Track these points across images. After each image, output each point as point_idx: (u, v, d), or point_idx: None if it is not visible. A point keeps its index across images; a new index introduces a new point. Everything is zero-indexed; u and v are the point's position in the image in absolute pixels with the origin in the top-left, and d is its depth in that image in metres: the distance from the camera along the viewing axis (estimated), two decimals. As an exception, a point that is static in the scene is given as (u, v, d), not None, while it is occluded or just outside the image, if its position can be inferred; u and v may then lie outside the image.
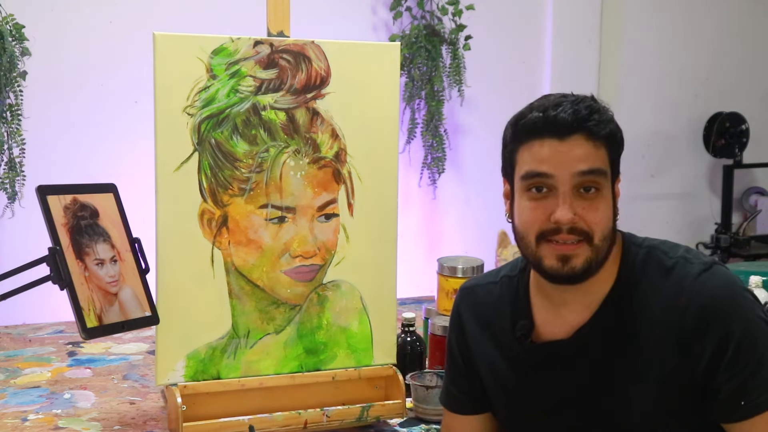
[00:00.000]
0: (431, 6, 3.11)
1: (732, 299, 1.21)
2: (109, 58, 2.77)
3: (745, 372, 1.19)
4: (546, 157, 1.22)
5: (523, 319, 1.33)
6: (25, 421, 1.88)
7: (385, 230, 1.89)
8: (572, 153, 1.21)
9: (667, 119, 3.79)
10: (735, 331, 1.19)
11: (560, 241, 1.22)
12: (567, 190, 1.21)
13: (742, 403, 1.19)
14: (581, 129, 1.21)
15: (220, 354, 1.78)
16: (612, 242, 1.25)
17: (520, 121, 1.27)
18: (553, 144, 1.22)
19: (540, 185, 1.23)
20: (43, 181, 1.55)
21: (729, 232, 3.71)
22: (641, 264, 1.28)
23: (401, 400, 1.85)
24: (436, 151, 3.12)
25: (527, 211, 1.25)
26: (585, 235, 1.21)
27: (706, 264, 1.25)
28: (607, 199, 1.24)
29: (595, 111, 1.23)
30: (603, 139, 1.22)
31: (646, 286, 1.26)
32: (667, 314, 1.23)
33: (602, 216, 1.22)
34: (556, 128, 1.21)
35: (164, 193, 1.73)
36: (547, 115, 1.22)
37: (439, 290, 2.21)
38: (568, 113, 1.21)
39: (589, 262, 1.22)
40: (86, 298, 1.51)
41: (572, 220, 1.20)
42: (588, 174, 1.21)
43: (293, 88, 1.80)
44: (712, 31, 3.82)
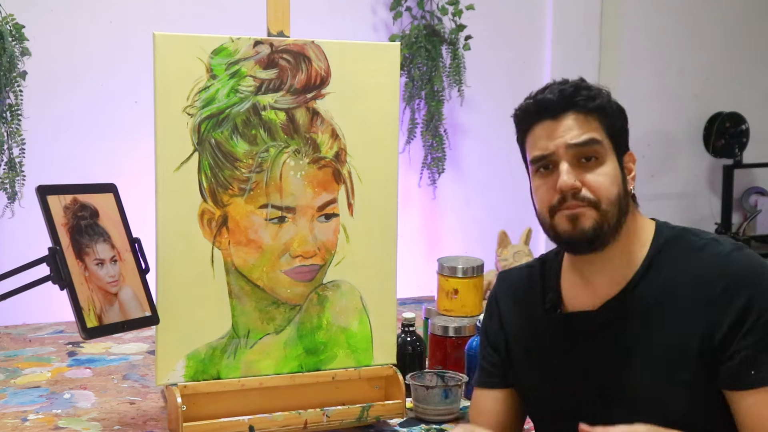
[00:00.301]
0: (431, 6, 3.11)
1: (760, 275, 1.26)
2: (109, 58, 2.77)
3: (761, 343, 1.22)
4: (543, 137, 1.31)
5: (552, 293, 1.41)
6: (25, 421, 1.88)
7: (385, 230, 1.89)
8: (564, 128, 1.30)
9: (667, 119, 3.79)
10: (758, 302, 1.23)
11: (569, 207, 1.29)
12: (566, 161, 1.29)
13: (752, 372, 1.22)
14: (570, 106, 1.30)
15: (220, 354, 1.78)
16: (621, 210, 1.31)
17: (517, 111, 1.38)
18: (548, 124, 1.31)
19: (545, 164, 1.32)
20: (43, 181, 1.55)
21: (729, 232, 3.71)
22: (672, 243, 1.33)
23: (401, 400, 1.85)
24: (436, 151, 3.12)
25: (538, 190, 1.34)
26: (590, 201, 1.29)
27: (737, 245, 1.31)
28: (609, 167, 1.31)
29: (581, 88, 1.32)
30: (593, 111, 1.31)
31: (676, 263, 1.31)
32: (695, 288, 1.27)
33: (605, 181, 1.29)
34: (546, 109, 1.31)
35: (164, 193, 1.73)
36: (536, 98, 1.34)
37: (439, 290, 2.21)
38: (554, 93, 1.31)
39: (599, 224, 1.28)
40: (86, 298, 1.51)
41: (574, 185, 1.28)
42: (583, 145, 1.29)
43: (293, 88, 1.80)
44: (712, 31, 3.82)
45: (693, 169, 3.88)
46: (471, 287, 2.16)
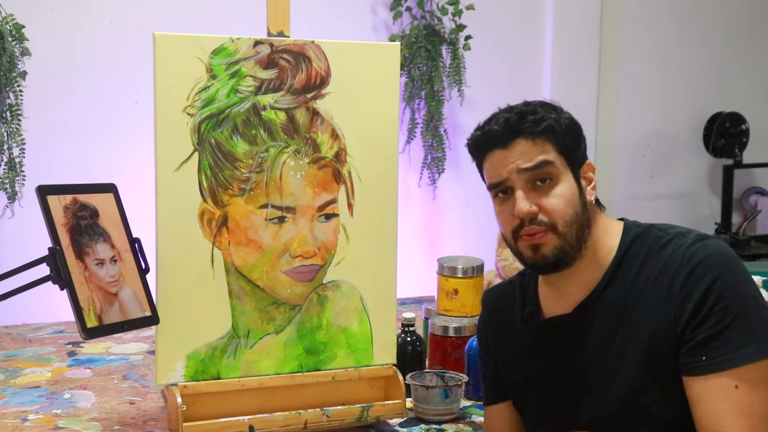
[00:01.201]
0: (431, 6, 3.11)
1: (721, 264, 1.27)
2: (109, 58, 2.77)
3: (714, 330, 1.23)
4: (496, 166, 1.35)
5: (530, 304, 1.45)
6: (25, 421, 1.88)
7: (385, 230, 1.89)
8: (515, 155, 1.33)
9: (667, 119, 3.79)
10: (716, 290, 1.24)
11: (529, 233, 1.32)
12: (520, 187, 1.32)
13: (704, 358, 1.23)
14: (518, 133, 1.33)
15: (220, 354, 1.78)
16: (582, 226, 1.33)
17: (469, 142, 1.41)
18: (499, 153, 1.35)
19: (502, 190, 1.36)
20: (43, 181, 1.55)
21: (729, 232, 3.71)
22: (639, 240, 1.35)
23: (401, 400, 1.85)
24: (436, 151, 3.12)
25: (499, 215, 1.39)
26: (547, 225, 1.31)
27: (700, 236, 1.32)
28: (564, 186, 1.32)
29: (527, 113, 1.34)
30: (542, 134, 1.32)
31: (642, 259, 1.33)
32: (659, 279, 1.29)
33: (560, 202, 1.31)
34: (496, 140, 1.34)
35: (164, 193, 1.73)
36: (484, 130, 1.37)
37: (439, 290, 2.21)
38: (500, 124, 1.34)
39: (559, 249, 1.32)
40: (86, 298, 1.51)
41: (530, 211, 1.31)
42: (534, 169, 1.32)
43: (293, 88, 1.80)
44: (712, 32, 3.82)
45: (693, 169, 3.88)
46: (471, 287, 2.16)
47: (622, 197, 3.67)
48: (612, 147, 3.62)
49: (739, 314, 1.23)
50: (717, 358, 1.22)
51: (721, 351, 1.22)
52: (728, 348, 1.22)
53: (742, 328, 1.22)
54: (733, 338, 1.22)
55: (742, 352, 1.21)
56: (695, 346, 1.24)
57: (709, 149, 3.78)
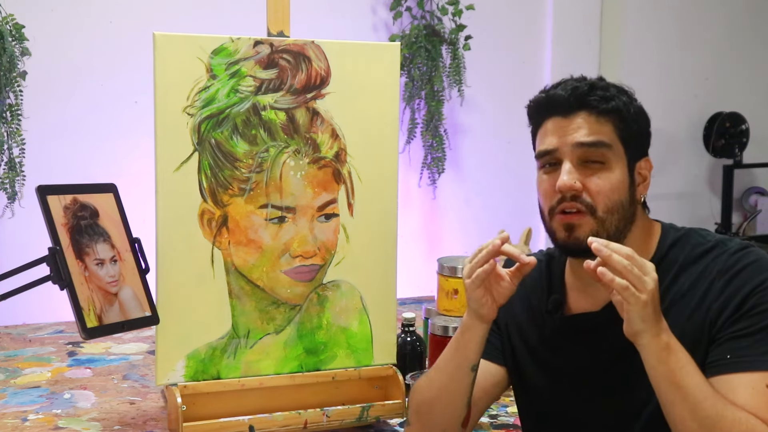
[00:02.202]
0: (431, 6, 3.11)
1: (762, 272, 1.24)
2: (109, 58, 2.77)
3: (745, 332, 1.20)
4: (551, 133, 1.28)
5: (555, 294, 1.39)
6: (25, 421, 1.88)
7: (385, 230, 1.89)
8: (574, 126, 1.26)
9: (667, 119, 3.79)
10: (755, 295, 1.21)
11: (566, 211, 1.26)
12: (570, 160, 1.25)
13: (728, 356, 1.20)
14: (583, 105, 1.26)
15: (220, 354, 1.78)
16: (624, 219, 1.28)
17: (530, 104, 1.35)
18: (558, 121, 1.28)
19: (550, 161, 1.29)
20: (43, 181, 1.55)
21: (729, 232, 3.71)
22: (678, 244, 1.31)
23: (401, 400, 1.85)
24: (436, 151, 3.12)
25: (541, 185, 1.31)
26: (587, 206, 1.25)
27: (743, 245, 1.29)
28: (616, 173, 1.26)
29: (597, 88, 1.27)
30: (606, 113, 1.26)
31: (680, 265, 1.29)
32: (697, 286, 1.26)
33: (605, 186, 1.25)
34: (559, 105, 1.27)
35: (164, 193, 1.73)
36: (548, 94, 1.30)
37: (439, 290, 2.21)
38: (567, 90, 1.27)
39: (594, 233, 1.24)
40: (86, 298, 1.51)
41: (573, 186, 1.24)
42: (589, 146, 1.25)
43: (293, 88, 1.80)
44: (712, 31, 3.82)
45: (693, 169, 3.88)
46: (471, 287, 2.16)
47: (622, 197, 3.67)
48: (612, 147, 3.62)
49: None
50: (743, 357, 1.18)
51: (748, 351, 1.18)
52: (756, 349, 1.18)
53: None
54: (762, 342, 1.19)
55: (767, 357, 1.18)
56: (722, 343, 1.21)
57: (709, 149, 3.78)
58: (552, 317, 1.39)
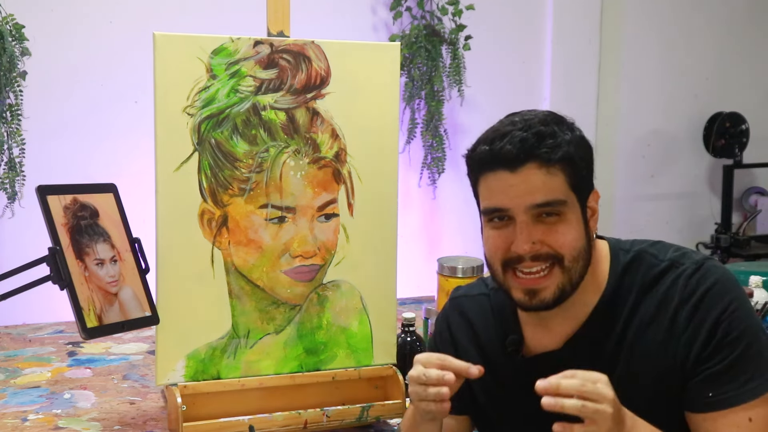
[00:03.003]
0: (431, 6, 3.11)
1: (723, 295, 1.20)
2: (109, 58, 2.77)
3: (722, 365, 1.17)
4: (500, 190, 1.19)
5: (513, 334, 1.31)
6: (25, 421, 1.88)
7: (385, 230, 1.89)
8: (525, 185, 1.17)
9: (667, 119, 3.79)
10: (722, 323, 1.18)
11: (525, 271, 1.19)
12: (524, 221, 1.18)
13: (710, 395, 1.17)
14: (531, 158, 1.17)
15: (220, 354, 1.78)
16: (587, 262, 1.22)
17: (471, 155, 1.24)
18: (505, 176, 1.18)
19: (500, 216, 1.21)
20: (43, 181, 1.55)
21: (729, 232, 3.71)
22: (631, 269, 1.26)
23: (401, 400, 1.85)
24: (436, 151, 3.12)
25: (490, 240, 1.23)
26: (553, 258, 1.19)
27: (698, 263, 1.24)
28: (571, 222, 1.20)
29: (545, 136, 1.18)
30: (557, 163, 1.18)
31: (637, 292, 1.24)
32: (659, 316, 1.22)
33: (567, 237, 1.19)
34: (505, 161, 1.18)
35: (164, 193, 1.73)
36: (493, 148, 1.19)
37: (439, 290, 2.21)
38: (514, 144, 1.17)
39: (560, 289, 1.20)
40: (86, 298, 1.51)
41: (531, 249, 1.18)
42: (543, 206, 1.18)
43: (293, 88, 1.80)
44: (712, 31, 3.82)
45: (693, 169, 3.88)
46: (471, 287, 2.16)
47: (622, 197, 3.67)
48: (612, 147, 3.62)
49: (747, 344, 1.18)
50: (725, 394, 1.16)
51: (729, 387, 1.17)
52: (737, 383, 1.17)
53: (749, 360, 1.17)
54: (741, 372, 1.17)
55: (751, 386, 1.17)
56: (702, 381, 1.18)
57: (709, 149, 3.78)
58: (512, 359, 1.30)
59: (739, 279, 1.29)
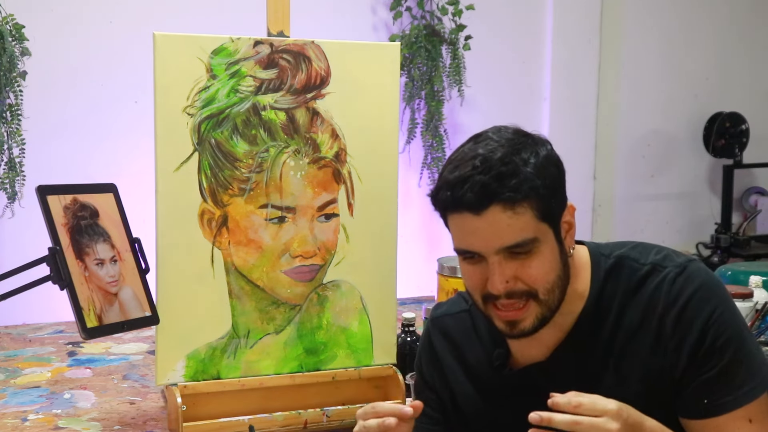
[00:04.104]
0: (431, 6, 3.11)
1: (709, 300, 1.20)
2: (109, 58, 2.78)
3: (714, 371, 1.18)
4: (468, 233, 1.18)
5: (498, 348, 1.30)
6: (25, 421, 1.88)
7: (385, 230, 1.89)
8: (492, 228, 1.15)
9: (667, 119, 3.79)
10: (711, 328, 1.18)
11: (503, 307, 1.19)
12: (495, 261, 1.17)
13: (705, 402, 1.18)
14: (495, 202, 1.14)
15: (220, 354, 1.78)
16: (564, 286, 1.22)
17: (434, 197, 1.23)
18: (471, 219, 1.16)
19: (471, 256, 1.20)
20: (43, 181, 1.55)
21: (729, 232, 3.71)
22: (612, 276, 1.25)
23: (401, 400, 1.85)
24: (436, 151, 3.12)
25: (467, 275, 1.22)
26: (527, 294, 1.18)
27: (680, 266, 1.23)
28: (544, 255, 1.18)
29: (506, 176, 1.14)
30: (523, 201, 1.15)
31: (620, 299, 1.24)
32: (645, 322, 1.22)
33: (539, 272, 1.18)
34: (468, 206, 1.15)
35: (164, 193, 1.73)
36: (454, 195, 1.16)
37: (439, 290, 2.21)
38: (475, 191, 1.14)
39: (539, 319, 1.20)
40: (86, 298, 1.51)
41: (506, 287, 1.17)
42: (513, 247, 1.16)
43: (293, 88, 1.80)
44: (712, 32, 3.82)
45: (693, 169, 3.88)
46: (471, 287, 2.16)
47: (622, 197, 3.67)
48: (612, 147, 3.62)
49: (736, 348, 1.18)
50: (720, 400, 1.17)
51: (724, 392, 1.17)
52: (731, 387, 1.17)
53: (740, 363, 1.18)
54: (734, 377, 1.17)
55: (745, 389, 1.17)
56: (696, 388, 1.18)
57: (709, 149, 3.78)
58: (499, 374, 1.29)
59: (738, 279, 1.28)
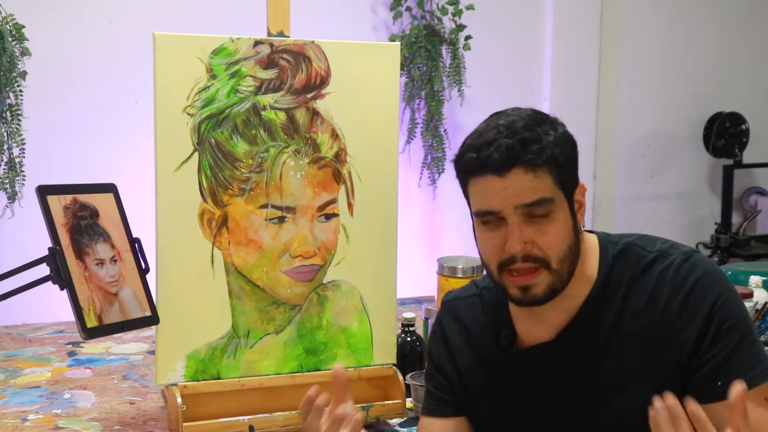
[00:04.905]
0: (431, 6, 3.11)
1: (713, 286, 1.24)
2: (109, 58, 2.77)
3: (724, 354, 1.20)
4: (489, 194, 1.24)
5: (505, 329, 1.34)
6: (25, 421, 1.88)
7: (385, 230, 1.89)
8: (513, 188, 1.21)
9: (667, 119, 3.79)
10: (717, 313, 1.21)
11: (517, 272, 1.23)
12: (515, 222, 1.22)
13: (719, 384, 1.20)
14: (518, 164, 1.21)
15: (220, 354, 1.78)
16: (574, 260, 1.26)
17: (459, 161, 1.31)
18: (494, 181, 1.23)
19: (491, 219, 1.25)
20: (43, 181, 1.55)
21: (729, 232, 3.71)
22: (619, 261, 1.29)
23: (401, 400, 1.85)
24: (436, 151, 3.12)
25: (484, 242, 1.27)
26: (540, 261, 1.22)
27: (686, 254, 1.27)
28: (559, 220, 1.23)
29: (530, 141, 1.22)
30: (543, 166, 1.22)
31: (627, 283, 1.27)
32: (651, 306, 1.25)
33: (555, 239, 1.23)
34: (492, 167, 1.23)
35: (164, 193, 1.73)
36: (480, 156, 1.25)
37: (439, 290, 2.21)
38: (501, 152, 1.22)
39: (551, 287, 1.23)
40: (86, 298, 1.51)
41: (524, 248, 1.22)
42: (532, 205, 1.21)
43: (293, 88, 1.80)
44: (712, 32, 3.82)
45: (693, 169, 3.88)
46: (471, 287, 2.16)
47: (622, 197, 3.67)
48: (612, 147, 3.63)
49: (744, 333, 1.21)
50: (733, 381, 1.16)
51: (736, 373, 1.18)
52: (743, 368, 1.19)
53: (749, 346, 1.21)
54: (744, 358, 1.20)
55: (758, 369, 1.20)
56: (708, 372, 1.21)
57: (709, 149, 3.78)
58: (506, 354, 1.33)
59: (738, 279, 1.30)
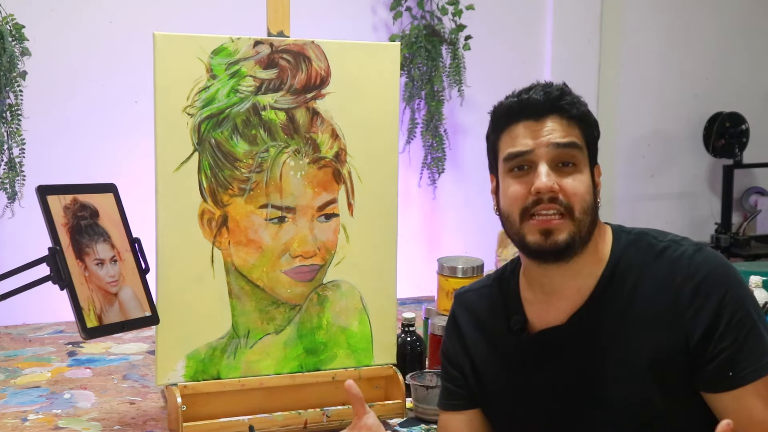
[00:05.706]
0: (431, 6, 3.11)
1: (726, 276, 1.26)
2: (109, 58, 2.77)
3: (735, 344, 1.22)
4: (523, 135, 1.30)
5: (517, 314, 1.36)
6: (25, 421, 1.88)
7: (385, 230, 1.89)
8: (548, 129, 1.28)
9: (667, 119, 3.79)
10: (728, 304, 1.23)
11: (542, 214, 1.26)
12: (546, 162, 1.27)
13: (730, 374, 1.21)
14: (554, 109, 1.29)
15: (220, 354, 1.78)
16: (593, 220, 1.29)
17: (497, 109, 1.36)
18: (530, 124, 1.29)
19: (521, 164, 1.29)
20: (43, 181, 1.55)
21: (729, 232, 3.71)
22: (632, 248, 1.32)
23: (401, 400, 1.85)
24: (436, 151, 3.12)
25: (510, 189, 1.30)
26: (565, 207, 1.26)
27: (697, 245, 1.30)
28: (585, 175, 1.29)
29: (566, 93, 1.32)
30: (576, 118, 1.30)
31: (638, 269, 1.29)
32: (662, 293, 1.26)
33: (580, 188, 1.28)
34: (531, 110, 1.30)
35: (164, 193, 1.73)
36: (521, 98, 1.32)
37: (439, 290, 2.21)
38: (540, 95, 1.30)
39: (572, 236, 1.26)
40: (86, 298, 1.51)
41: (552, 187, 1.25)
42: (564, 147, 1.27)
43: (293, 88, 1.80)
44: (712, 32, 3.82)
45: (693, 169, 3.88)
46: (471, 287, 2.16)
47: (622, 197, 3.67)
48: (612, 147, 3.62)
49: (752, 326, 1.23)
50: (744, 371, 1.21)
51: (747, 362, 1.21)
52: (752, 359, 1.21)
53: (758, 338, 1.22)
54: (754, 349, 1.22)
55: (763, 362, 1.21)
56: (719, 364, 1.22)
57: (709, 149, 3.78)
58: (518, 338, 1.35)
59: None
